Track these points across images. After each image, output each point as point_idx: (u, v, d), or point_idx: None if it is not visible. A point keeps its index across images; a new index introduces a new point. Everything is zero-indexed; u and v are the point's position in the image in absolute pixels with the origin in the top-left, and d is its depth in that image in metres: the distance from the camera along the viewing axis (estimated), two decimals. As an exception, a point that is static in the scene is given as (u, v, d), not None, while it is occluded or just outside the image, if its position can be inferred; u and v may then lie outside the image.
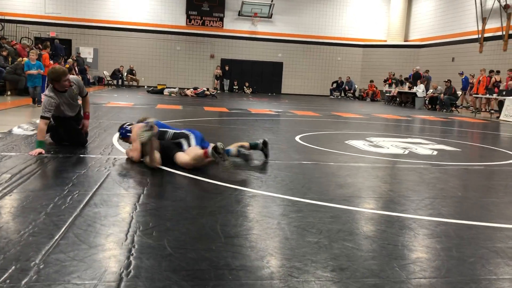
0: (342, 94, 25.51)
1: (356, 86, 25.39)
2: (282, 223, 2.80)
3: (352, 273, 2.12)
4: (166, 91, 18.74)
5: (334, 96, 25.36)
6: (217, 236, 2.50)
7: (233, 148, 4.45)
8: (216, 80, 24.60)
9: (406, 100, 19.83)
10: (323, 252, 2.35)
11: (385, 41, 25.99)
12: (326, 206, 3.22)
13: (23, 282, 1.85)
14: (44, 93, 5.13)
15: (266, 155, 4.90)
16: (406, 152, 6.11)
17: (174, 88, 19.96)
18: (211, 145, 4.14)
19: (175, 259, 2.16)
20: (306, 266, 2.16)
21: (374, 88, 24.04)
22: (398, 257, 2.37)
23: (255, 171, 4.32)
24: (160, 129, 4.45)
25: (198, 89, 18.79)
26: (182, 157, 4.20)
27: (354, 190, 3.82)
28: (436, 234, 2.80)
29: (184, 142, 4.40)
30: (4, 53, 13.93)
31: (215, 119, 9.70)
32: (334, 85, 25.51)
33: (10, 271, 1.94)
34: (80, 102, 5.34)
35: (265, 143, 4.91)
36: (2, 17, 20.75)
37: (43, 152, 4.55)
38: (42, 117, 4.73)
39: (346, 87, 25.25)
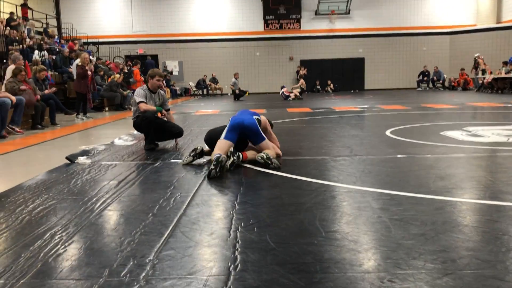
0: (431, 85, 24.26)
1: (445, 75, 24.03)
2: (383, 216, 2.72)
3: (463, 264, 2.01)
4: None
5: (421, 87, 24.21)
6: (317, 230, 2.50)
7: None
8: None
9: (503, 87, 18.35)
10: (430, 244, 2.25)
11: (475, 25, 24.31)
12: (427, 199, 3.08)
13: (141, 276, 1.98)
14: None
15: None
16: (511, 139, 5.66)
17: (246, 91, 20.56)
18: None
19: (279, 253, 2.19)
20: (413, 259, 2.09)
21: (466, 76, 22.56)
22: (511, 247, 2.20)
23: (347, 168, 4.25)
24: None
25: (291, 91, 18.73)
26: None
27: (456, 182, 3.62)
28: (557, 223, 2.55)
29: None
30: (101, 73, 15.10)
31: (300, 119, 9.70)
32: (421, 76, 24.35)
33: (129, 266, 2.09)
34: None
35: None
36: (97, 40, 22.53)
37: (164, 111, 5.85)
38: (139, 103, 5.59)
39: (435, 77, 23.99)
